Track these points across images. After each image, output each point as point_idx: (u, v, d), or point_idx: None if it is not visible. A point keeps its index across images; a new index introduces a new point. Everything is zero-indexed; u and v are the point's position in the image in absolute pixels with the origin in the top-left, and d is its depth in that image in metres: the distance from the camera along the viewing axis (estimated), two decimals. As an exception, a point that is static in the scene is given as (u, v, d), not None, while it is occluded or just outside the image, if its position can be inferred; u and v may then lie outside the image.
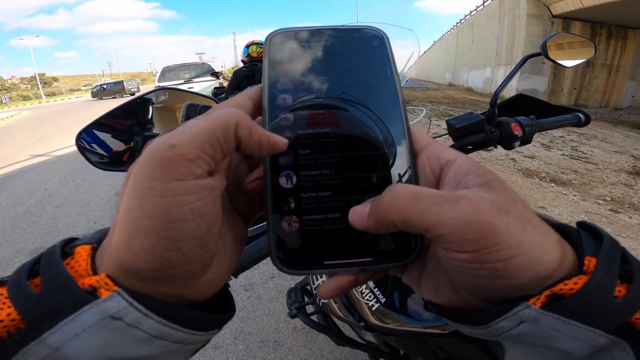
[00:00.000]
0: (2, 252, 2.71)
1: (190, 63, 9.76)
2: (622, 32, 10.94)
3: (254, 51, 3.50)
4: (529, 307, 0.18)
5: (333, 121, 0.23)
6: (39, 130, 10.21)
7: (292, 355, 1.59)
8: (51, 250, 0.19)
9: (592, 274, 0.18)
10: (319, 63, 0.24)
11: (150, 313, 0.18)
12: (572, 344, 0.18)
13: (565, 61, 0.78)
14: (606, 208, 3.00)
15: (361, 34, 0.25)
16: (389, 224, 0.19)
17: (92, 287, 0.17)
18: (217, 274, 0.21)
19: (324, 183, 0.22)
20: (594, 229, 0.21)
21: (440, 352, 0.68)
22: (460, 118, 0.68)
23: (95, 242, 0.20)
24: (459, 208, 0.18)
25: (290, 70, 0.24)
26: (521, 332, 0.18)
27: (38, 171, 5.13)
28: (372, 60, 0.25)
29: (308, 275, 0.22)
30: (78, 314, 0.17)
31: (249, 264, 0.44)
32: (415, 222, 0.19)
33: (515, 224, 0.18)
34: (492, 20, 13.75)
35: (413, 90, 14.55)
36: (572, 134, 5.93)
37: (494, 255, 0.17)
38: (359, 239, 0.22)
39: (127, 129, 0.70)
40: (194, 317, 0.20)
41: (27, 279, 0.18)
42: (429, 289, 0.23)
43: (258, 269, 2.23)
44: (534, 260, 0.18)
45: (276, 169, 0.22)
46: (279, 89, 0.24)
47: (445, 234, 0.18)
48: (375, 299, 0.68)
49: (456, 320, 0.21)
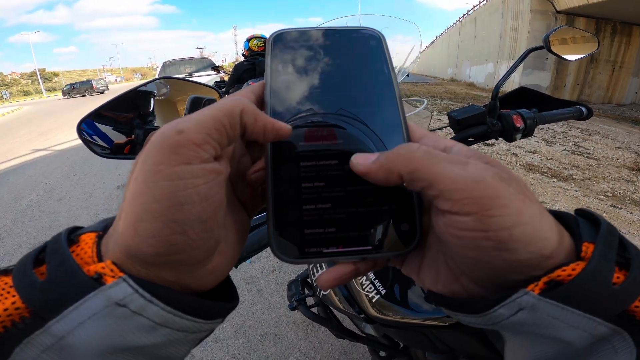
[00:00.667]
0: (4, 246, 2.73)
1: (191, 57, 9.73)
2: (626, 28, 10.84)
3: (255, 45, 3.49)
4: (527, 294, 0.18)
5: (332, 124, 0.24)
6: (39, 125, 10.22)
7: (292, 349, 1.60)
8: (57, 238, 0.19)
9: (590, 259, 0.18)
10: (318, 62, 0.25)
11: (155, 300, 0.18)
12: (572, 333, 0.17)
13: (568, 55, 0.78)
14: (607, 204, 2.99)
15: (359, 35, 0.26)
16: (393, 173, 0.20)
17: (97, 273, 0.17)
18: (221, 263, 0.22)
19: (324, 173, 0.23)
20: (591, 216, 0.21)
21: (440, 345, 0.68)
22: (461, 110, 0.68)
23: (101, 230, 0.20)
24: (467, 168, 0.19)
25: (292, 68, 0.25)
26: (520, 320, 0.18)
27: (39, 165, 5.14)
28: (369, 61, 0.26)
29: (308, 264, 0.23)
30: (83, 301, 0.17)
31: (249, 254, 0.44)
32: (422, 174, 0.19)
33: (516, 194, 0.18)
34: (495, 16, 13.65)
35: (415, 85, 14.48)
36: (575, 129, 5.91)
37: (497, 220, 0.17)
38: (358, 228, 0.22)
39: (128, 122, 0.70)
40: (198, 304, 0.20)
41: (32, 267, 0.18)
42: (429, 278, 0.23)
43: (259, 262, 2.24)
44: (534, 235, 0.18)
45: (277, 158, 0.23)
46: (281, 85, 0.25)
47: (450, 189, 0.18)
48: (376, 290, 0.69)
49: (455, 309, 0.21)
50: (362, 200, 0.22)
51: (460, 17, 18.49)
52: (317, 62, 0.25)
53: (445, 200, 0.18)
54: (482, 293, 0.21)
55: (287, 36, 0.26)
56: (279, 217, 0.22)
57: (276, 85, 0.25)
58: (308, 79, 0.25)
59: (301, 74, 0.25)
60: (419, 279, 0.24)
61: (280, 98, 0.24)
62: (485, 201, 0.18)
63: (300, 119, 0.24)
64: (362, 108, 0.24)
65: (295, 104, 0.24)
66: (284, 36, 0.26)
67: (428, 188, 0.19)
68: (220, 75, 5.68)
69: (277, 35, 0.26)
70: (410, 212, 0.22)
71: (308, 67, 0.25)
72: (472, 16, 16.54)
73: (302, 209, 0.22)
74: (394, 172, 0.20)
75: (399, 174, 0.20)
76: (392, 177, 0.20)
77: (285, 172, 0.23)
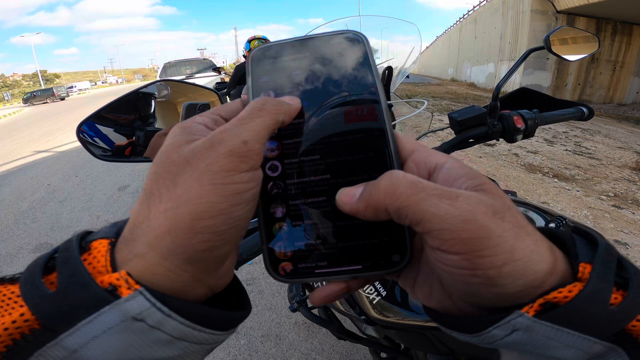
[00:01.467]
0: (6, 248, 2.73)
1: (192, 59, 9.75)
2: (627, 28, 10.83)
3: (256, 46, 3.50)
4: (521, 316, 0.17)
5: (316, 130, 0.23)
6: (41, 126, 10.24)
7: (293, 350, 1.60)
8: (67, 245, 0.18)
9: (587, 281, 0.17)
10: (301, 73, 0.25)
11: (173, 314, 0.17)
12: (567, 352, 0.17)
13: (568, 55, 0.78)
14: (609, 204, 2.98)
15: (340, 40, 0.25)
16: (380, 210, 0.20)
17: (112, 285, 0.17)
18: (231, 262, 0.22)
19: (312, 191, 0.23)
20: (588, 235, 0.20)
21: (440, 346, 0.68)
22: (462, 111, 0.68)
23: (113, 236, 0.19)
24: (456, 205, 0.18)
25: (273, 83, 0.25)
26: (514, 340, 0.18)
27: (41, 167, 5.16)
28: (351, 65, 0.25)
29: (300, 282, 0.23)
30: (97, 314, 0.16)
31: (250, 256, 0.44)
32: (409, 212, 0.18)
33: (510, 230, 0.18)
34: (495, 16, 13.65)
35: (415, 86, 14.48)
36: (576, 129, 5.89)
37: (486, 260, 0.17)
38: (349, 248, 0.22)
39: (129, 124, 0.70)
40: (216, 316, 0.20)
41: (42, 276, 0.17)
42: (423, 293, 0.23)
43: (260, 264, 2.24)
44: (525, 269, 0.18)
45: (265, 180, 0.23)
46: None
47: (438, 229, 0.18)
48: (377, 292, 0.69)
49: (449, 327, 0.21)
50: (351, 220, 0.22)
51: (461, 17, 18.49)
52: (299, 75, 0.25)
53: (433, 238, 0.18)
54: (474, 312, 0.21)
55: (266, 52, 0.26)
56: (272, 238, 0.23)
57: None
58: (289, 91, 0.24)
59: (282, 88, 0.25)
60: (413, 293, 0.24)
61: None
62: (474, 242, 0.17)
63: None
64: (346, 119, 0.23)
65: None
66: (263, 52, 0.26)
67: (416, 225, 0.19)
68: (221, 77, 5.69)
69: (256, 51, 0.26)
70: (400, 233, 0.22)
71: (290, 82, 0.25)
72: (473, 16, 16.54)
73: (294, 230, 0.23)
74: (381, 210, 0.20)
75: (386, 210, 0.19)
76: (380, 214, 0.20)
77: (274, 192, 0.23)
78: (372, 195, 0.20)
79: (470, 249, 0.17)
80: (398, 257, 0.22)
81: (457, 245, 0.18)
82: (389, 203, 0.19)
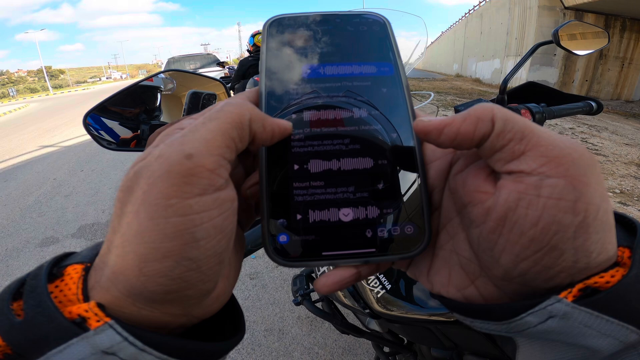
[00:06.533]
0: (12, 242, 2.76)
1: (196, 54, 9.76)
2: (636, 24, 10.65)
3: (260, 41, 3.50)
4: (560, 301, 0.16)
5: (331, 113, 0.22)
6: (47, 121, 10.31)
7: (296, 344, 1.61)
8: (37, 272, 0.17)
9: (631, 266, 0.16)
10: (317, 52, 0.23)
11: (148, 348, 0.16)
12: (602, 341, 0.16)
13: (577, 50, 0.77)
14: (615, 200, 2.96)
15: (362, 20, 0.24)
16: (484, 121, 0.18)
17: (80, 317, 0.16)
18: (225, 287, 0.20)
19: (320, 173, 0.21)
20: (624, 218, 0.19)
21: (445, 340, 0.68)
22: (468, 104, 0.67)
23: (89, 260, 0.18)
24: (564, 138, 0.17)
25: (288, 59, 0.23)
26: (548, 328, 0.17)
27: (47, 162, 5.19)
28: (373, 49, 0.24)
29: (306, 267, 0.21)
30: (66, 345, 0.15)
31: (253, 247, 0.44)
32: (516, 125, 0.17)
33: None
34: (501, 11, 13.48)
35: (420, 81, 14.37)
36: (583, 125, 5.83)
37: (590, 190, 0.16)
38: (361, 228, 0.20)
39: (134, 117, 0.70)
40: (198, 349, 0.18)
41: (10, 303, 0.16)
42: (440, 281, 0.21)
43: (264, 258, 2.24)
44: (609, 228, 0.16)
45: (272, 156, 0.21)
46: (276, 79, 0.23)
47: (545, 145, 0.16)
48: (381, 285, 0.69)
49: (473, 316, 0.19)
50: (365, 197, 0.20)
51: (466, 12, 18.30)
52: (316, 54, 0.23)
53: (534, 157, 0.16)
54: (501, 298, 0.19)
55: (283, 24, 0.24)
56: (274, 217, 0.21)
57: (273, 71, 0.23)
58: (306, 73, 0.23)
59: (299, 66, 0.23)
60: (427, 281, 0.22)
61: (276, 95, 0.23)
62: (581, 165, 0.16)
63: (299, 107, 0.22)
64: (368, 96, 0.22)
65: (293, 94, 0.23)
66: (280, 23, 0.24)
67: (517, 141, 0.17)
68: (224, 72, 5.69)
69: (273, 21, 0.24)
70: (419, 210, 0.21)
71: (306, 60, 0.23)
72: (478, 12, 16.35)
73: (299, 208, 0.21)
74: (485, 120, 0.17)
75: (491, 120, 0.17)
76: (482, 126, 0.17)
77: (280, 169, 0.21)
78: (474, 109, 0.18)
79: (576, 172, 0.16)
80: (416, 238, 0.20)
81: (565, 165, 0.16)
82: (497, 111, 0.17)
